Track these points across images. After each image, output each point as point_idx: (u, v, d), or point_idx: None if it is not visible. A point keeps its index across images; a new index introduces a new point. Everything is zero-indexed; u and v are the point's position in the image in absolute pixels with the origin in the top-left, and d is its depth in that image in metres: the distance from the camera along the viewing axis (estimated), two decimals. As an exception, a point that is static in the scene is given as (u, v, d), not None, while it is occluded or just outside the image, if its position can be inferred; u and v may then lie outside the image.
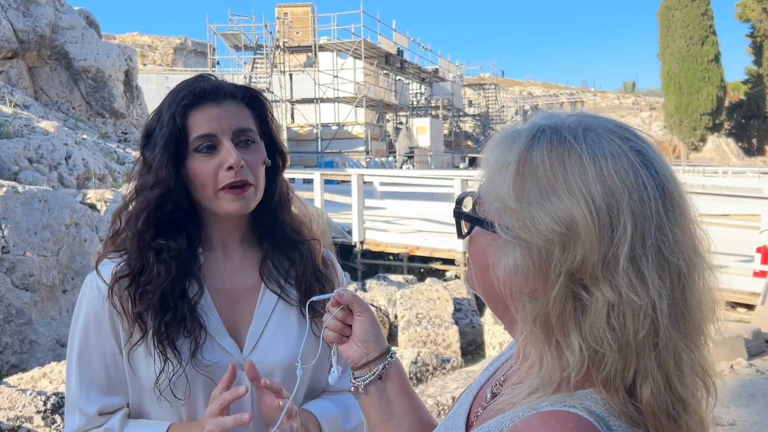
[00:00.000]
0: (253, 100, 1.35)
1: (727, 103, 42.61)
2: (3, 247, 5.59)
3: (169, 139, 1.25)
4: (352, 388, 1.10)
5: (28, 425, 3.48)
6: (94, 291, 1.29)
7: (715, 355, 0.78)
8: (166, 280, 1.25)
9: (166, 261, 1.26)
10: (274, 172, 1.38)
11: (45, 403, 3.59)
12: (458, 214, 0.85)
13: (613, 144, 0.74)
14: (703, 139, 41.70)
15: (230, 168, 1.24)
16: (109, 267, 1.29)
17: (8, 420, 3.47)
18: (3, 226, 5.60)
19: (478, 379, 1.00)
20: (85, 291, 1.31)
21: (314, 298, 1.20)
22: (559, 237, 0.72)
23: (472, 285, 0.86)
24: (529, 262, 0.74)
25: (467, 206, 0.85)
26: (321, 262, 1.42)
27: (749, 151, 46.17)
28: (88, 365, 1.28)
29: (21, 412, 3.53)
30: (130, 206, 1.31)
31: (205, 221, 1.34)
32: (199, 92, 1.27)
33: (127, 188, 1.37)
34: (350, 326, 1.10)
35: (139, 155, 1.34)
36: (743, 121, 44.87)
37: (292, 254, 1.39)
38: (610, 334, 0.70)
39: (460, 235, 0.86)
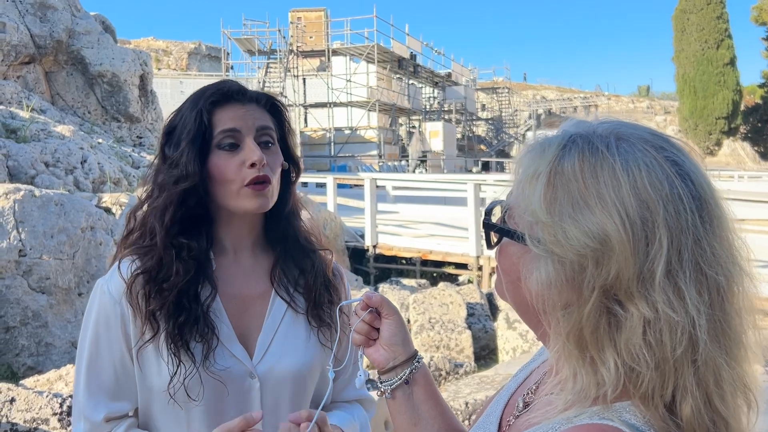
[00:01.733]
0: (274, 108, 1.38)
1: (742, 107, 42.22)
2: (20, 250, 5.64)
3: (196, 134, 1.26)
4: (379, 393, 1.08)
5: (44, 427, 3.51)
6: (104, 296, 1.29)
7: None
8: (184, 279, 1.26)
9: (186, 260, 1.27)
10: (288, 181, 1.39)
11: (61, 405, 3.61)
12: (488, 225, 0.83)
13: (647, 154, 0.72)
14: (718, 143, 41.36)
15: (253, 165, 1.26)
16: (126, 265, 1.30)
17: (25, 422, 3.50)
18: (20, 230, 5.66)
19: (508, 385, 0.99)
20: (95, 296, 1.31)
21: (343, 303, 1.21)
22: (593, 252, 0.69)
23: (502, 295, 0.84)
24: (561, 276, 0.72)
25: (496, 215, 0.83)
26: (331, 272, 1.42)
27: (765, 155, 45.72)
28: (96, 371, 1.28)
29: (37, 414, 3.56)
30: (147, 204, 1.31)
31: (218, 222, 1.34)
32: (227, 91, 1.30)
33: (142, 191, 1.37)
34: (377, 330, 1.09)
35: (157, 154, 1.35)
36: (759, 124, 44.43)
37: (304, 263, 1.39)
38: (647, 351, 0.68)
39: (489, 245, 0.84)
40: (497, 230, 0.82)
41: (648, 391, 0.69)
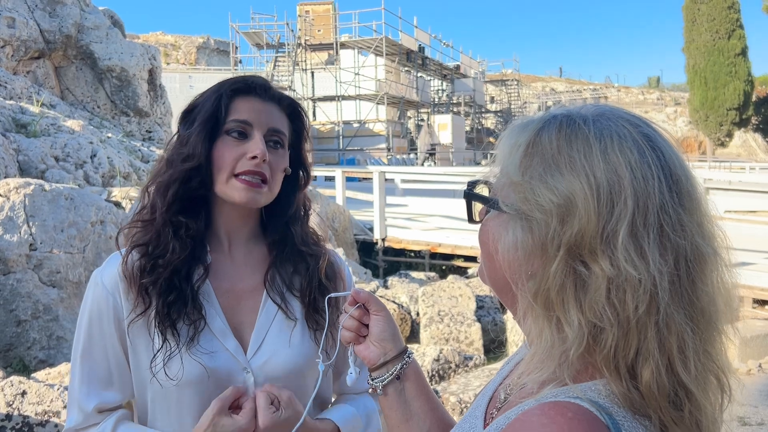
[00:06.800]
0: (294, 113, 1.38)
1: (754, 98, 41.75)
2: (30, 244, 5.68)
3: (210, 116, 1.28)
4: (370, 389, 1.08)
5: (55, 419, 3.53)
6: (98, 287, 1.31)
7: (743, 353, 0.76)
8: (179, 257, 1.27)
9: (182, 238, 1.28)
10: (295, 187, 1.39)
11: (72, 398, 3.64)
12: (468, 194, 0.87)
13: (621, 127, 0.75)
14: (729, 135, 40.94)
15: (253, 158, 1.26)
16: (122, 241, 1.33)
17: (36, 414, 3.53)
18: (30, 224, 5.70)
19: (493, 380, 1.00)
20: (89, 288, 1.34)
21: (332, 295, 1.21)
22: (557, 209, 0.72)
23: (482, 277, 0.86)
24: (528, 236, 0.74)
25: (478, 190, 0.87)
26: (326, 273, 1.40)
27: (777, 147, 45.26)
28: (90, 361, 1.30)
29: (49, 406, 3.59)
30: (158, 179, 1.33)
31: (214, 207, 1.34)
32: (252, 83, 1.32)
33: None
34: (366, 326, 1.09)
35: (176, 132, 1.37)
36: (771, 115, 43.98)
37: (299, 266, 1.39)
38: (610, 309, 0.70)
39: (470, 219, 0.87)
40: (474, 197, 0.86)
41: (611, 352, 0.70)
